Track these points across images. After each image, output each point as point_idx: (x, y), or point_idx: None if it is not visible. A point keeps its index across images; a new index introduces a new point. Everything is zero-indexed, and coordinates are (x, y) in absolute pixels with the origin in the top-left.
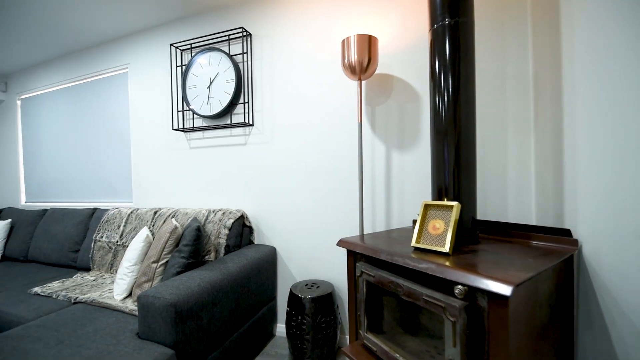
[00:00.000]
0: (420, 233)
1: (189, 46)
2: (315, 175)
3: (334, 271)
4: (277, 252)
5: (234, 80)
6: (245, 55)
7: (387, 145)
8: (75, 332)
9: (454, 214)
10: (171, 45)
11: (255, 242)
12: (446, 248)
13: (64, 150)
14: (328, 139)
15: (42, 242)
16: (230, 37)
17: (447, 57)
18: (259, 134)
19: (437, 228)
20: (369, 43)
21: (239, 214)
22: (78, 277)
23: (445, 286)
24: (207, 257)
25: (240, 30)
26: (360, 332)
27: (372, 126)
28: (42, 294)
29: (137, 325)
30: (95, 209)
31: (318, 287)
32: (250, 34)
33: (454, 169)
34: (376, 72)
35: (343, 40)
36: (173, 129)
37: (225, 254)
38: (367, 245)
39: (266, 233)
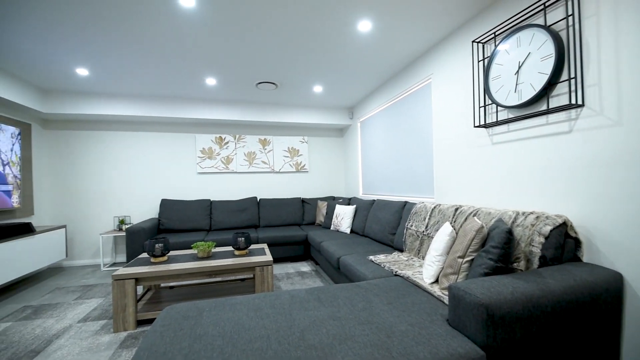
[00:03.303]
0: None
1: (491, 36)
2: None
3: None
4: (624, 282)
5: (553, 54)
6: (570, 18)
7: None
8: (399, 299)
9: None
10: (473, 42)
11: (584, 259)
12: None
13: (384, 155)
14: None
15: (372, 223)
16: (546, 3)
17: None
18: (593, 116)
19: None
20: None
21: (559, 221)
22: (395, 255)
23: None
24: (515, 264)
25: None
26: None
27: None
28: (374, 261)
29: (446, 311)
30: (405, 202)
31: None
32: None
33: None
34: None
35: None
36: (474, 126)
37: (539, 266)
38: None
39: (604, 250)
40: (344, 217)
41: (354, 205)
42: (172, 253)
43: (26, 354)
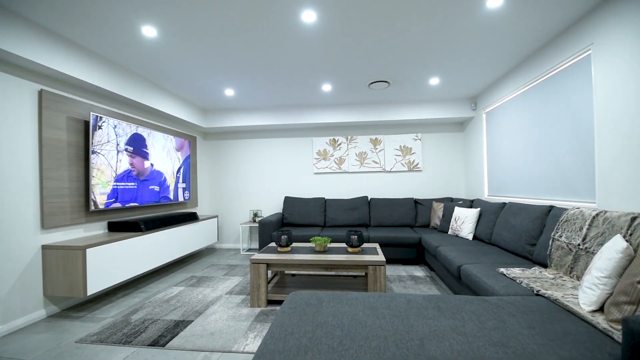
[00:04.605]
0: None
1: None
2: None
3: None
4: None
5: None
6: None
7: None
8: (544, 325)
9: None
10: None
11: None
12: None
13: (519, 150)
14: None
15: (502, 230)
16: None
17: None
18: None
19: None
20: None
21: None
22: (536, 270)
23: None
24: None
25: None
26: None
27: None
28: (507, 275)
29: (616, 350)
30: (551, 207)
31: None
32: None
33: None
34: None
35: None
36: None
37: None
38: None
39: None
40: (464, 221)
41: (478, 208)
42: (293, 245)
43: (193, 312)
